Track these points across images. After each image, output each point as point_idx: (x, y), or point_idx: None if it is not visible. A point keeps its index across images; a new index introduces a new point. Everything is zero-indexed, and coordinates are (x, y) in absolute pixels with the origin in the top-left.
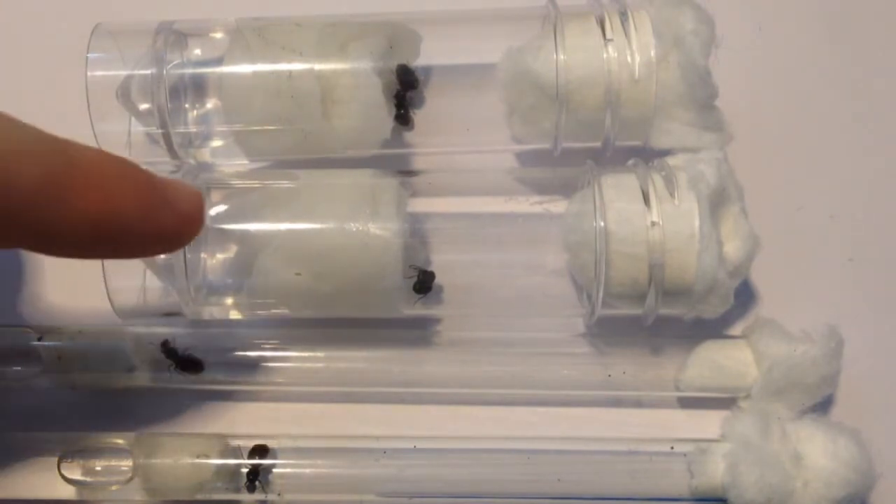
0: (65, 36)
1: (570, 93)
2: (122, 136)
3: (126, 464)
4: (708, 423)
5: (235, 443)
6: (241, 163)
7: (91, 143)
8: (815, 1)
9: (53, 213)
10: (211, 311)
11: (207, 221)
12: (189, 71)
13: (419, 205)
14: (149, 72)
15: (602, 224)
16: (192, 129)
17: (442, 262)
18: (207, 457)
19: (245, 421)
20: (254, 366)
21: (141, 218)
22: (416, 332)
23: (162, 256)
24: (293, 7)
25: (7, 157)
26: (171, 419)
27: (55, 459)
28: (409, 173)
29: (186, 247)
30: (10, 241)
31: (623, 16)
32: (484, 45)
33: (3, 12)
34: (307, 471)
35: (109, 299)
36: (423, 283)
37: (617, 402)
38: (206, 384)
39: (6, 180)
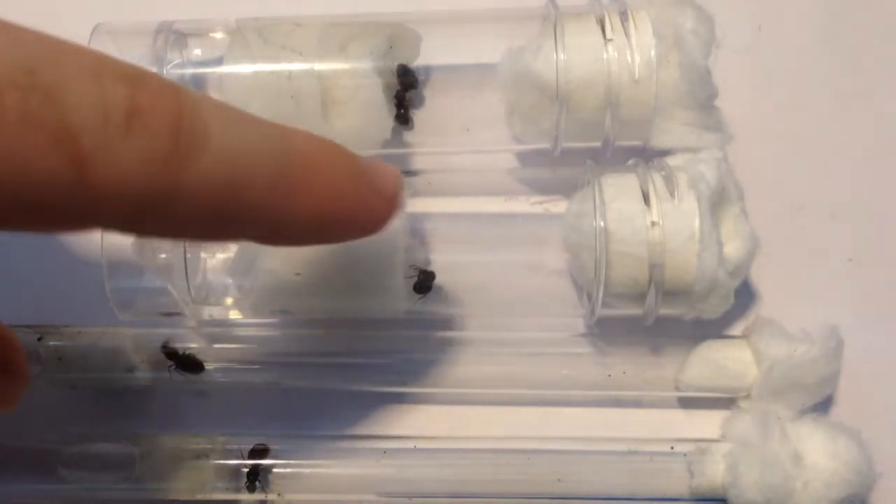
0: (65, 36)
1: (570, 93)
2: None
3: (126, 463)
4: (708, 423)
5: (235, 443)
6: None
7: None
8: (815, 1)
9: (283, 209)
10: (211, 311)
11: None
12: (189, 71)
13: (419, 205)
14: None
15: (602, 224)
16: None
17: (442, 262)
18: (207, 457)
19: (246, 421)
20: (254, 366)
21: (356, 206)
22: (416, 332)
23: (162, 256)
24: (293, 7)
25: (247, 155)
26: (171, 419)
27: (55, 459)
28: (409, 173)
29: (186, 246)
30: (241, 237)
31: (623, 16)
32: (484, 45)
33: (3, 13)
34: (307, 471)
35: (109, 299)
36: (423, 283)
37: (617, 402)
38: (206, 384)
39: (247, 179)
